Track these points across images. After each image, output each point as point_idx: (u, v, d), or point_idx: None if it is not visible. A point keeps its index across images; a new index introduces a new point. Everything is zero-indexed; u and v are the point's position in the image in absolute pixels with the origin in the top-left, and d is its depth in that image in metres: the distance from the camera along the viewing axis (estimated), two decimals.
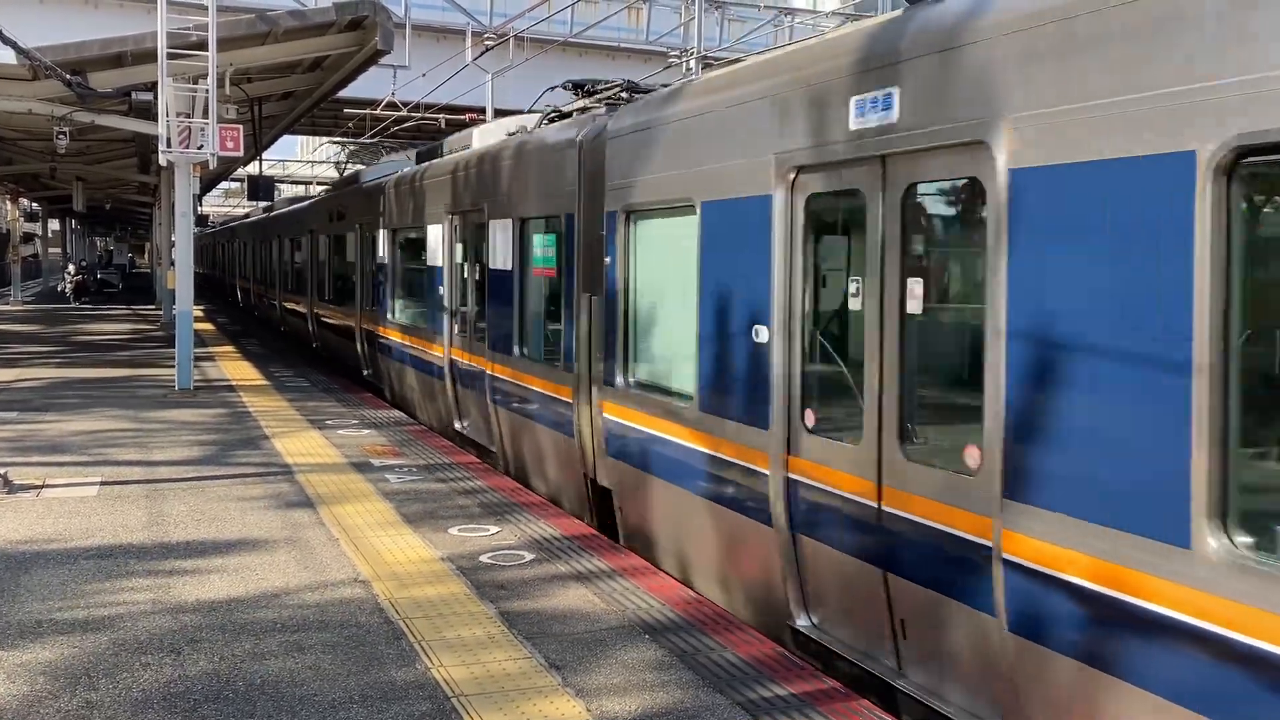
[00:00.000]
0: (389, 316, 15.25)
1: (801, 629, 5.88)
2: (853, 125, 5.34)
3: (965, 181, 4.85)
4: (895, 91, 5.07)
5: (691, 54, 23.33)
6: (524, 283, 10.10)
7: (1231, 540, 3.63)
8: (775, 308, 5.94)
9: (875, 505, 5.25)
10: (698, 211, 6.72)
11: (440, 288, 12.57)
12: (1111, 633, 3.99)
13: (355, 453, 10.87)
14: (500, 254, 10.59)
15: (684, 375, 7.08)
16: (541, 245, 9.63)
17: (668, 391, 7.31)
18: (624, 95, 9.65)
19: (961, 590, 4.73)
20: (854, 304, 5.48)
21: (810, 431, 5.75)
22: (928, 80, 4.88)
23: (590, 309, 8.41)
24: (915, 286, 5.06)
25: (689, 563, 7.14)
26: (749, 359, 6.18)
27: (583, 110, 9.99)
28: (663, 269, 7.52)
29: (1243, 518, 3.66)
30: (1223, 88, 3.60)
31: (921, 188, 5.07)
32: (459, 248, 12.20)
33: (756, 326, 6.11)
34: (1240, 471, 3.67)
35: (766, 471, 6.02)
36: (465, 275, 12.04)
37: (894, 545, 5.15)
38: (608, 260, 8.02)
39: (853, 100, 5.34)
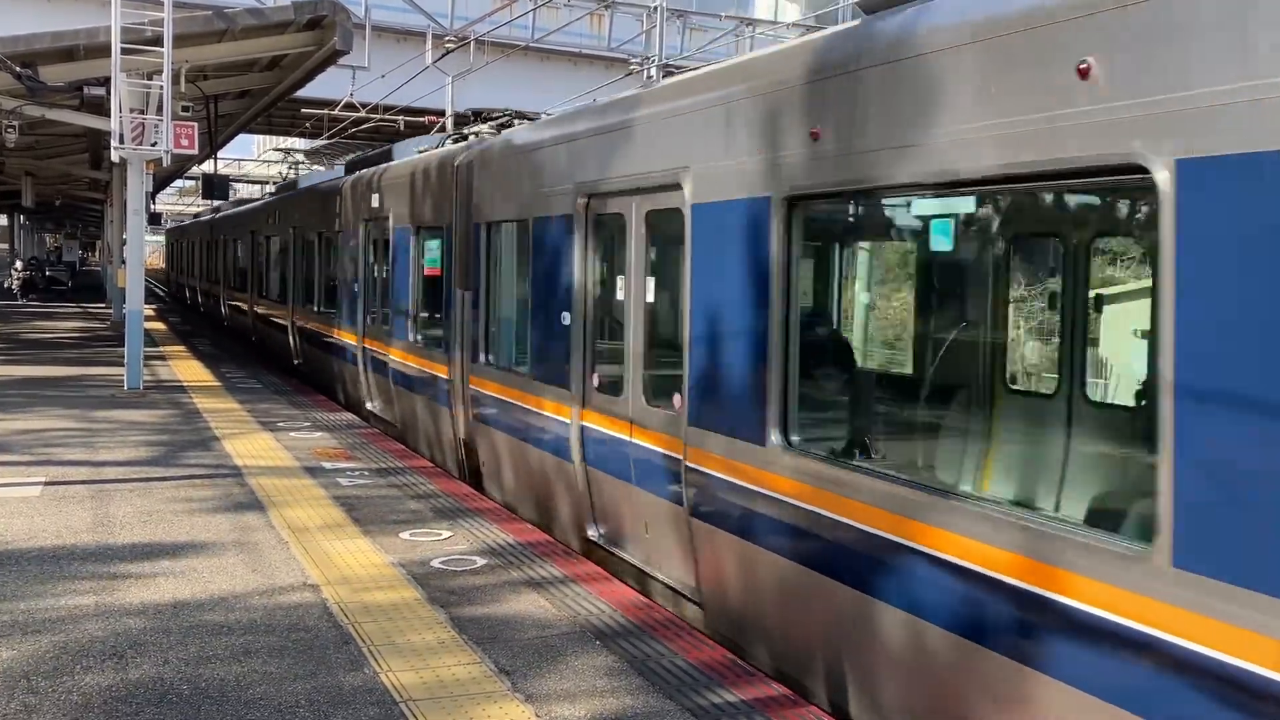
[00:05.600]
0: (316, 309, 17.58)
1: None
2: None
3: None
4: None
5: (653, 62, 23.39)
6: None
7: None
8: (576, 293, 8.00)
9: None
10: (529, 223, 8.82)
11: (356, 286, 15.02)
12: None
13: (306, 455, 10.77)
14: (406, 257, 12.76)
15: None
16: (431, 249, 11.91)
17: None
18: (514, 121, 11.45)
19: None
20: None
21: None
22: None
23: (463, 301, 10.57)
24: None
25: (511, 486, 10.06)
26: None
27: (477, 135, 11.57)
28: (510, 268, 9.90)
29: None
30: None
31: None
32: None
33: (564, 313, 8.17)
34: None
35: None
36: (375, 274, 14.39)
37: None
38: (478, 260, 10.08)
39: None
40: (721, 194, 5.97)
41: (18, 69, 14.69)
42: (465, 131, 12.15)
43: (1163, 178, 3.57)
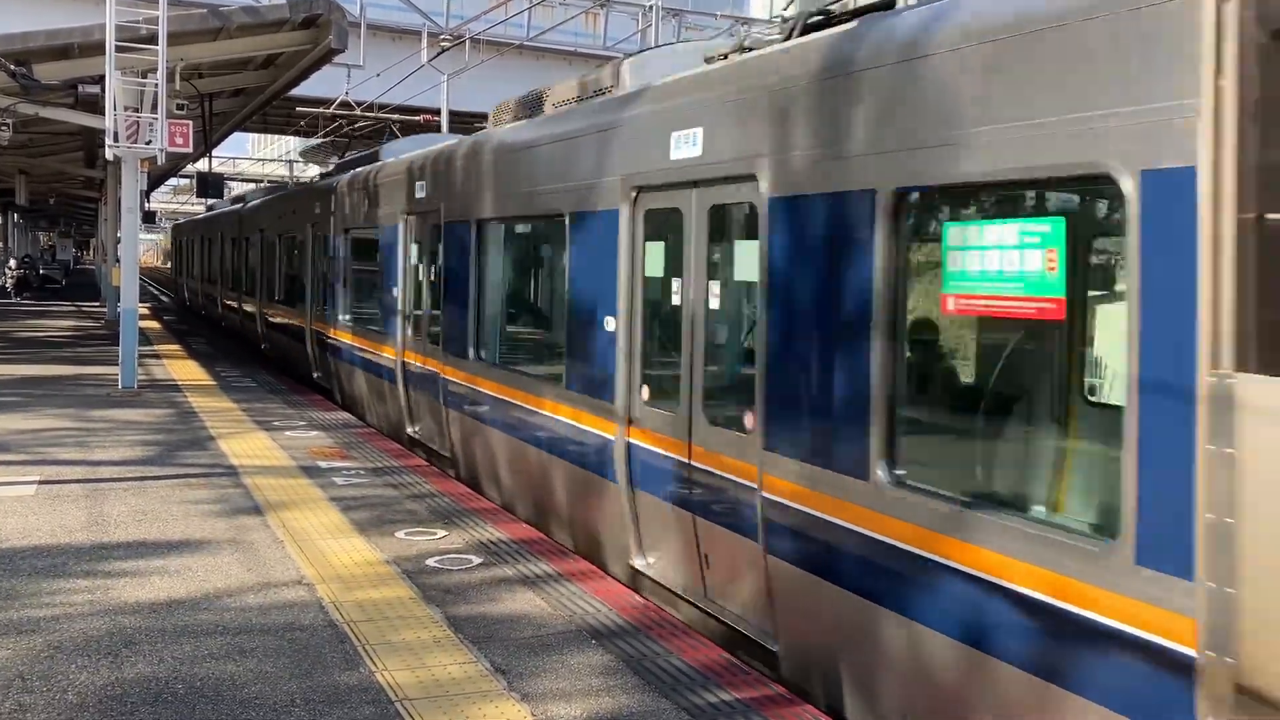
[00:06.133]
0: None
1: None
2: None
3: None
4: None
5: None
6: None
7: None
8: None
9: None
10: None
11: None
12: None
13: (302, 455, 10.76)
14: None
15: None
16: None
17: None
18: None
19: None
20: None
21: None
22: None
23: None
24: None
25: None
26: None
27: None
28: None
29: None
30: None
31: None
32: None
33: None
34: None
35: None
36: None
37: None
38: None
39: None
40: None
41: (12, 67, 14.66)
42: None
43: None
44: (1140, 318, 3.66)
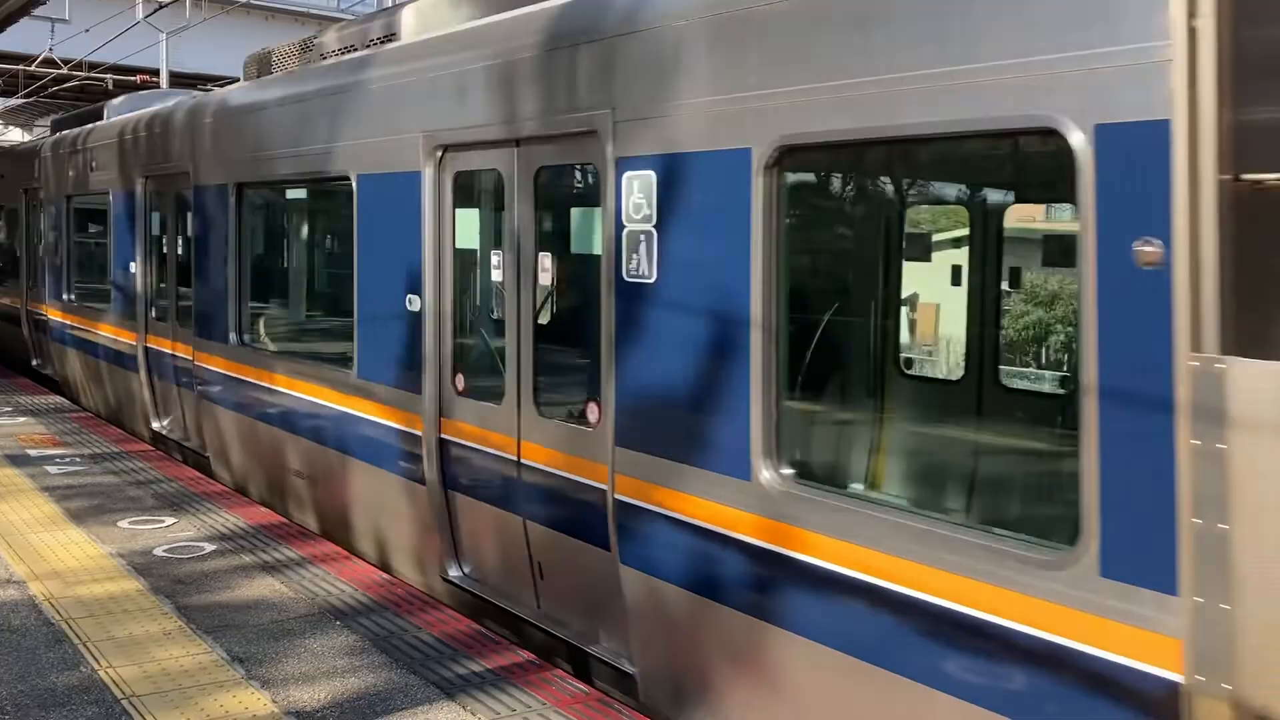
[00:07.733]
0: None
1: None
2: None
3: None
4: None
5: None
6: None
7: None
8: None
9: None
10: None
11: None
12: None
13: (10, 443, 9.89)
14: None
15: None
16: None
17: None
18: None
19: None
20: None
21: None
22: None
23: None
24: None
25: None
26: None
27: None
28: None
29: None
30: None
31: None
32: None
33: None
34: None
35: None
36: None
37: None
38: None
39: None
40: None
41: None
42: None
43: None
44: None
